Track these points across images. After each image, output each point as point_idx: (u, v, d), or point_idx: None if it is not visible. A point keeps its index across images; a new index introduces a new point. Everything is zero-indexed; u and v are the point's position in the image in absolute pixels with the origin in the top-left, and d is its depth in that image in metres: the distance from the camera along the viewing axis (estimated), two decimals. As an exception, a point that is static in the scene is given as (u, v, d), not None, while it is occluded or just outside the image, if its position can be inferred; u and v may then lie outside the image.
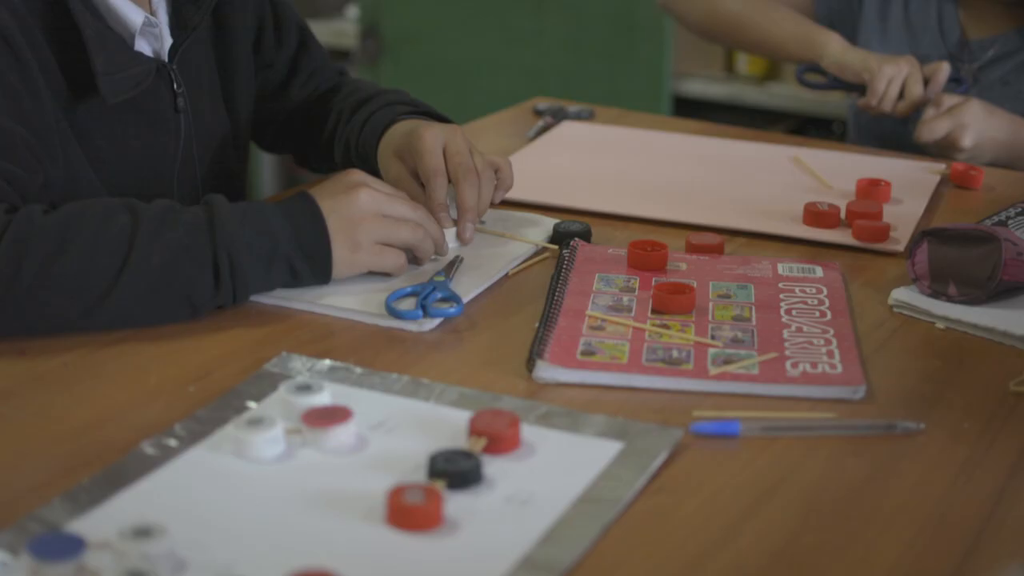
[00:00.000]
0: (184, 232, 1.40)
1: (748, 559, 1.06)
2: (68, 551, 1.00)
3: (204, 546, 1.05)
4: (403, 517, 1.08)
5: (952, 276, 1.53)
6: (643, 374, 1.34)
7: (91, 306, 1.37)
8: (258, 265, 1.43)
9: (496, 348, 1.41)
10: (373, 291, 1.50)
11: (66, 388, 1.31)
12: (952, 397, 1.34)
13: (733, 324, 1.46)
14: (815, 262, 1.65)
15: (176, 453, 1.18)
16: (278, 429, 1.18)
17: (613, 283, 1.56)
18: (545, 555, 1.05)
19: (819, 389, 1.33)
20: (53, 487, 1.12)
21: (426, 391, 1.30)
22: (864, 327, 1.48)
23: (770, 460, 1.21)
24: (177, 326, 1.42)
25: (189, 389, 1.31)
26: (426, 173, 1.63)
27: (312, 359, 1.35)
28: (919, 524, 1.12)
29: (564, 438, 1.22)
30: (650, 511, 1.12)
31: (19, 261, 1.35)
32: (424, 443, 1.20)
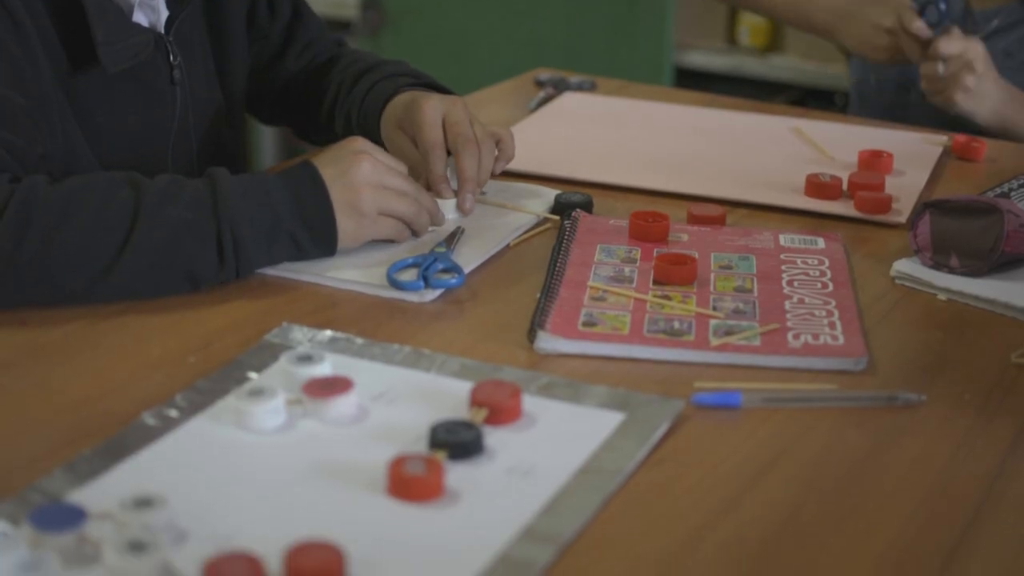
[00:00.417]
0: (186, 207, 1.39)
1: (749, 530, 1.06)
2: (69, 521, 1.00)
3: (205, 516, 1.05)
4: (404, 488, 1.07)
5: (954, 248, 1.52)
6: (644, 345, 1.34)
7: (93, 280, 1.37)
8: (261, 240, 1.42)
9: (497, 319, 1.41)
10: (374, 262, 1.50)
11: (67, 359, 1.31)
12: (953, 369, 1.34)
13: (735, 295, 1.46)
14: (817, 233, 1.65)
15: (177, 424, 1.18)
16: (279, 400, 1.18)
17: (614, 254, 1.56)
18: (546, 526, 1.05)
19: (821, 360, 1.32)
20: (54, 458, 1.12)
21: (427, 362, 1.30)
22: (866, 299, 1.48)
23: (771, 431, 1.21)
24: (178, 297, 1.41)
25: (190, 360, 1.30)
26: (425, 146, 1.63)
27: (313, 330, 1.35)
28: (920, 496, 1.12)
29: (565, 409, 1.22)
30: (651, 482, 1.12)
31: (22, 233, 1.34)
32: (425, 414, 1.20)
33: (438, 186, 1.63)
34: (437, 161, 1.63)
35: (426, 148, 1.64)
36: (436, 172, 1.63)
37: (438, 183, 1.63)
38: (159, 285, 1.41)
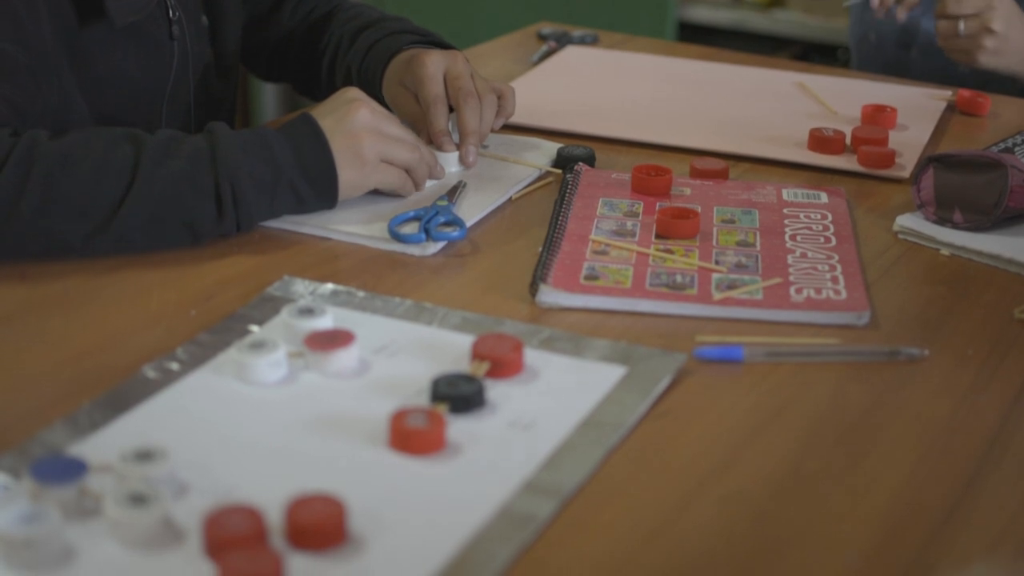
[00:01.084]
0: (186, 161, 1.39)
1: (751, 484, 1.06)
2: (70, 474, 0.99)
3: (206, 469, 1.05)
4: (405, 441, 1.07)
5: (958, 202, 1.52)
6: (647, 299, 1.33)
7: (93, 232, 1.37)
8: (261, 194, 1.42)
9: (499, 272, 1.41)
10: (376, 215, 1.50)
11: (67, 312, 1.31)
12: (956, 324, 1.34)
13: (737, 249, 1.45)
14: (820, 188, 1.64)
15: (178, 377, 1.18)
16: (280, 353, 1.18)
17: (617, 208, 1.55)
18: (548, 479, 1.04)
19: (823, 315, 1.32)
20: (54, 411, 1.12)
21: (429, 315, 1.29)
22: (868, 253, 1.48)
23: (773, 385, 1.21)
24: (179, 250, 1.41)
25: (191, 313, 1.30)
26: (427, 100, 1.63)
27: (315, 283, 1.35)
28: (922, 451, 1.12)
29: (567, 363, 1.22)
30: (653, 436, 1.12)
31: (23, 185, 1.34)
32: (426, 367, 1.19)
33: (440, 140, 1.62)
34: (439, 115, 1.63)
35: (428, 102, 1.63)
36: (438, 126, 1.63)
37: (440, 137, 1.62)
38: (159, 238, 1.40)
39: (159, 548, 0.96)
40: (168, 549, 0.96)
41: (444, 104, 1.63)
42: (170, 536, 0.97)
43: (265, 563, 0.90)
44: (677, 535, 1.00)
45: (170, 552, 0.95)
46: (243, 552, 0.91)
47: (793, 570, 0.96)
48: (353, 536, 0.97)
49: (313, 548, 0.95)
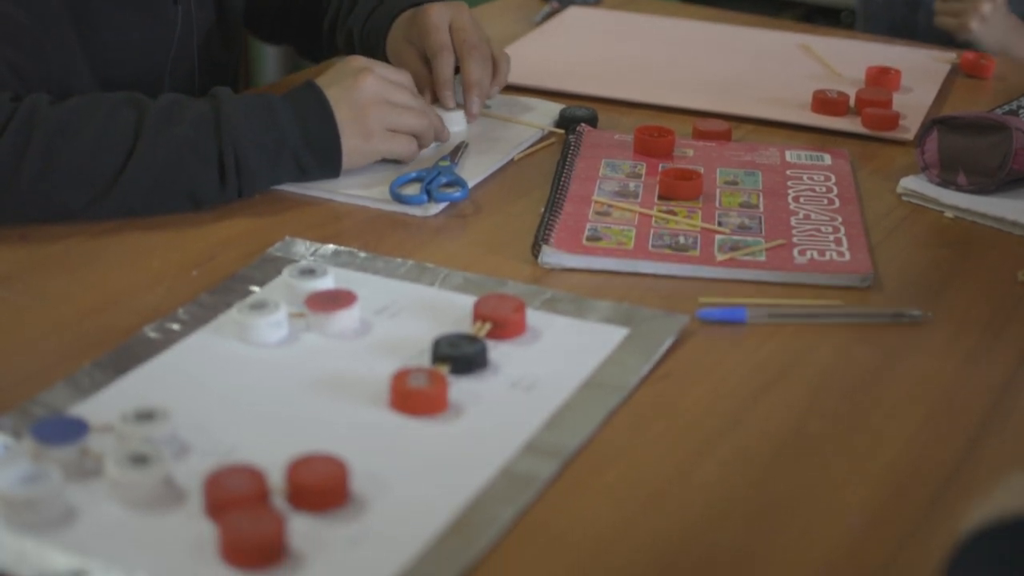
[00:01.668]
0: (189, 127, 1.38)
1: (753, 446, 1.06)
2: (71, 434, 0.99)
3: (207, 430, 1.04)
4: (407, 401, 1.07)
5: (962, 165, 1.51)
6: (649, 260, 1.33)
7: (94, 198, 1.36)
8: (264, 161, 1.42)
9: (501, 233, 1.40)
10: (378, 176, 1.49)
11: (68, 273, 1.31)
12: (960, 286, 1.33)
13: (740, 211, 1.45)
14: (823, 149, 1.64)
15: (179, 337, 1.18)
16: (281, 313, 1.18)
17: (619, 169, 1.55)
18: (549, 440, 1.04)
19: (826, 276, 1.32)
20: (55, 371, 1.12)
21: (430, 276, 1.29)
22: (872, 215, 1.47)
23: (776, 347, 1.20)
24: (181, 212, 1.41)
25: (192, 273, 1.30)
26: (432, 49, 1.62)
27: (316, 243, 1.34)
28: (925, 412, 1.11)
29: (569, 323, 1.21)
30: (655, 397, 1.12)
31: (23, 150, 1.33)
32: (428, 328, 1.19)
33: (444, 91, 1.62)
34: (445, 65, 1.62)
35: (434, 51, 1.62)
36: (443, 75, 1.62)
37: (444, 87, 1.62)
38: (160, 204, 1.40)
39: (160, 508, 0.95)
40: (169, 509, 0.95)
41: (450, 53, 1.63)
42: (171, 496, 0.97)
43: (266, 523, 0.90)
44: (679, 496, 1.00)
45: (171, 512, 0.95)
46: (244, 512, 0.91)
47: (796, 531, 0.96)
48: (354, 497, 0.97)
49: (314, 509, 0.95)
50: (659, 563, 0.92)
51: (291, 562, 0.90)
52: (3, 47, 1.43)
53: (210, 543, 0.91)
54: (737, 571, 0.92)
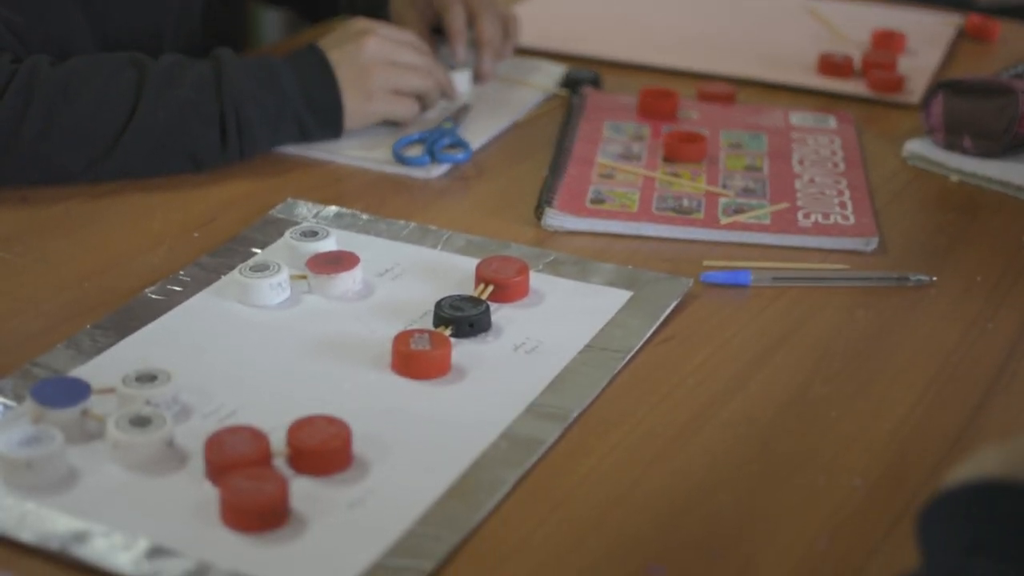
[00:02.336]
0: (190, 88, 1.38)
1: (757, 409, 1.05)
2: (72, 396, 0.99)
3: (209, 392, 1.04)
4: (409, 364, 1.07)
5: (967, 128, 1.50)
6: (653, 223, 1.32)
7: (94, 159, 1.36)
8: (265, 123, 1.41)
9: (504, 195, 1.40)
10: (380, 138, 1.49)
11: (69, 234, 1.30)
12: (965, 250, 1.33)
13: (744, 174, 1.44)
14: (828, 112, 1.63)
15: (180, 299, 1.17)
16: (283, 275, 1.17)
17: (623, 131, 1.54)
18: (552, 403, 1.04)
19: (831, 240, 1.31)
20: (56, 333, 1.12)
21: (433, 238, 1.28)
22: (877, 179, 1.47)
23: (780, 310, 1.20)
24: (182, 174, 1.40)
25: (194, 235, 1.29)
26: (443, 2, 1.61)
27: (318, 205, 1.34)
28: (930, 377, 1.11)
29: (573, 286, 1.21)
30: (659, 360, 1.12)
31: (23, 111, 1.33)
32: (431, 290, 1.18)
33: (456, 42, 1.61)
34: (456, 16, 1.62)
35: (445, 5, 1.62)
36: (455, 26, 1.61)
37: (456, 38, 1.61)
38: (161, 165, 1.39)
39: (161, 471, 0.95)
40: (170, 472, 0.95)
41: (461, 6, 1.62)
42: (173, 459, 0.96)
43: (268, 486, 0.90)
44: (682, 459, 0.99)
45: (172, 475, 0.95)
46: (246, 475, 0.90)
47: (799, 495, 0.95)
48: (356, 459, 0.96)
49: (316, 471, 0.94)
50: (662, 525, 0.92)
51: (292, 525, 0.90)
52: (2, 8, 1.42)
53: (212, 506, 0.91)
54: (740, 533, 0.92)
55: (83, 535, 0.88)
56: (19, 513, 0.90)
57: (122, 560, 0.86)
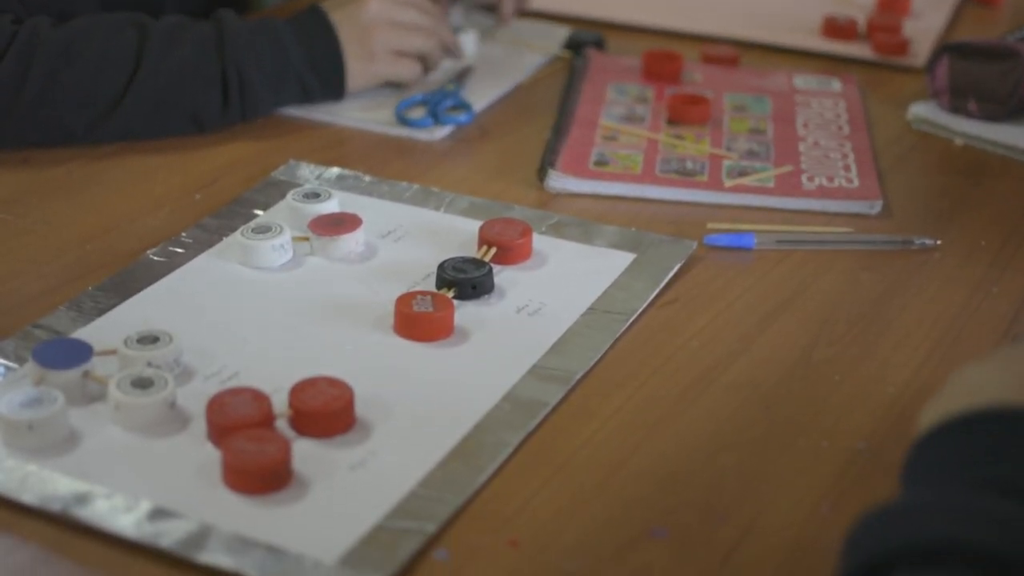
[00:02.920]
0: (192, 49, 1.37)
1: (760, 372, 1.05)
2: (74, 358, 0.98)
3: (211, 354, 1.04)
4: (411, 326, 1.06)
5: (972, 92, 1.50)
6: (657, 185, 1.32)
7: (96, 120, 1.36)
8: (267, 84, 1.41)
9: (507, 157, 1.39)
10: (383, 99, 1.48)
11: (70, 196, 1.30)
12: (969, 214, 1.32)
13: (748, 136, 1.43)
14: (833, 75, 1.62)
15: (182, 261, 1.17)
16: (285, 236, 1.17)
17: (627, 93, 1.53)
18: (555, 365, 1.04)
19: (835, 203, 1.31)
20: (57, 295, 1.12)
21: (436, 200, 1.28)
22: (881, 142, 1.46)
23: (784, 273, 1.19)
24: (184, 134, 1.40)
25: (195, 197, 1.29)
26: None
27: (320, 167, 1.33)
28: (934, 340, 1.10)
29: (576, 248, 1.21)
30: (662, 323, 1.11)
31: (24, 72, 1.32)
32: (433, 252, 1.18)
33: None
34: None
35: None
36: None
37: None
38: (163, 126, 1.39)
39: (163, 433, 0.95)
40: (172, 433, 0.95)
41: None
42: (175, 420, 0.96)
43: (270, 447, 0.90)
44: (685, 422, 0.99)
45: (174, 436, 0.95)
46: (248, 436, 0.90)
47: (802, 459, 0.95)
48: (359, 421, 0.96)
49: (318, 433, 0.94)
50: (665, 488, 0.92)
51: (294, 487, 0.90)
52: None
53: (214, 467, 0.91)
54: (743, 496, 0.91)
55: (85, 497, 0.88)
56: (21, 475, 0.90)
57: (124, 522, 0.86)
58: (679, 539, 0.87)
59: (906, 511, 0.69)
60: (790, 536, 0.88)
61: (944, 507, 0.68)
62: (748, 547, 0.87)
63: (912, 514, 0.69)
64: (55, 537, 0.86)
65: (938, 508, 0.68)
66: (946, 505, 0.68)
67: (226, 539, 0.85)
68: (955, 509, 0.68)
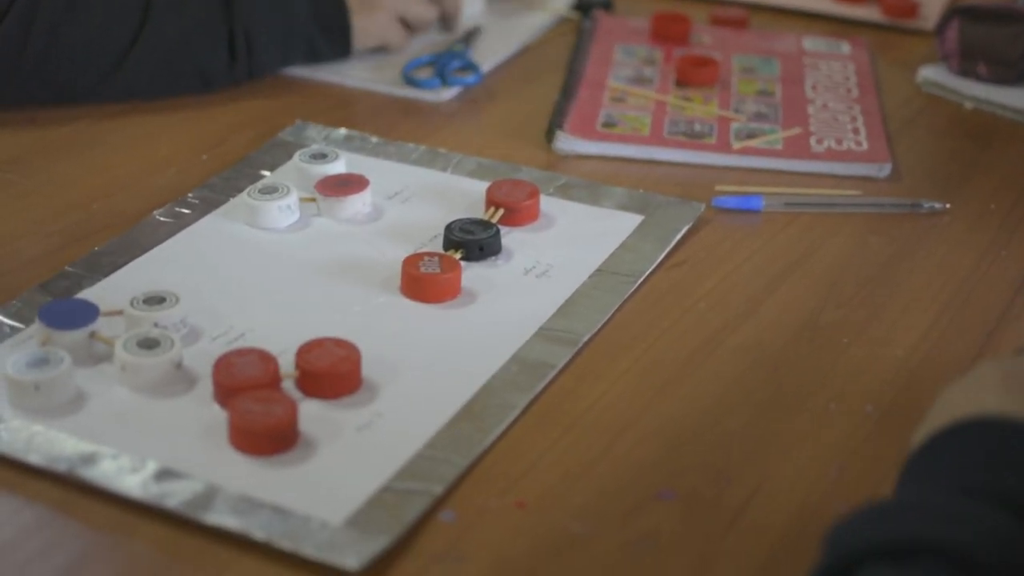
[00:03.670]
0: (199, 6, 1.36)
1: (767, 335, 1.05)
2: (80, 318, 0.98)
3: (217, 314, 1.04)
4: (418, 287, 1.06)
5: (982, 55, 1.49)
6: (665, 147, 1.31)
7: (101, 77, 1.35)
8: (274, 42, 1.40)
9: (515, 119, 1.39)
10: (390, 60, 1.48)
11: (75, 156, 1.30)
12: (979, 178, 1.32)
13: (757, 98, 1.43)
14: (842, 38, 1.61)
15: (189, 221, 1.17)
16: (292, 197, 1.16)
17: (635, 55, 1.53)
18: (562, 327, 1.03)
19: (844, 166, 1.30)
20: (63, 255, 1.11)
21: (443, 161, 1.27)
22: (891, 105, 1.45)
23: (792, 236, 1.19)
24: (190, 94, 1.39)
25: (202, 158, 1.29)
26: None
27: (327, 128, 1.33)
28: (942, 304, 1.10)
29: (583, 210, 1.20)
30: (669, 285, 1.11)
31: (28, 28, 1.31)
32: (440, 213, 1.18)
33: None
34: None
35: None
36: None
37: None
38: (169, 84, 1.38)
39: (170, 393, 0.95)
40: (179, 394, 0.95)
41: None
42: (181, 381, 0.96)
43: (277, 408, 0.89)
44: (693, 384, 0.99)
45: (181, 397, 0.95)
46: (255, 397, 0.90)
47: (810, 421, 0.95)
48: (365, 382, 0.96)
49: (326, 394, 0.94)
50: (672, 451, 0.92)
51: (301, 448, 0.90)
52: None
53: (220, 428, 0.91)
54: (750, 458, 0.91)
55: (91, 457, 0.88)
56: (27, 435, 0.90)
57: (130, 482, 0.86)
58: (686, 501, 0.87)
59: (880, 511, 0.70)
60: (797, 499, 0.88)
61: (917, 507, 0.69)
62: (755, 510, 0.87)
63: (885, 513, 0.69)
64: (61, 497, 0.86)
65: (911, 508, 0.69)
66: (919, 505, 0.69)
67: (232, 500, 0.85)
68: (927, 508, 0.68)
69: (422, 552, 0.83)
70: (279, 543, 0.81)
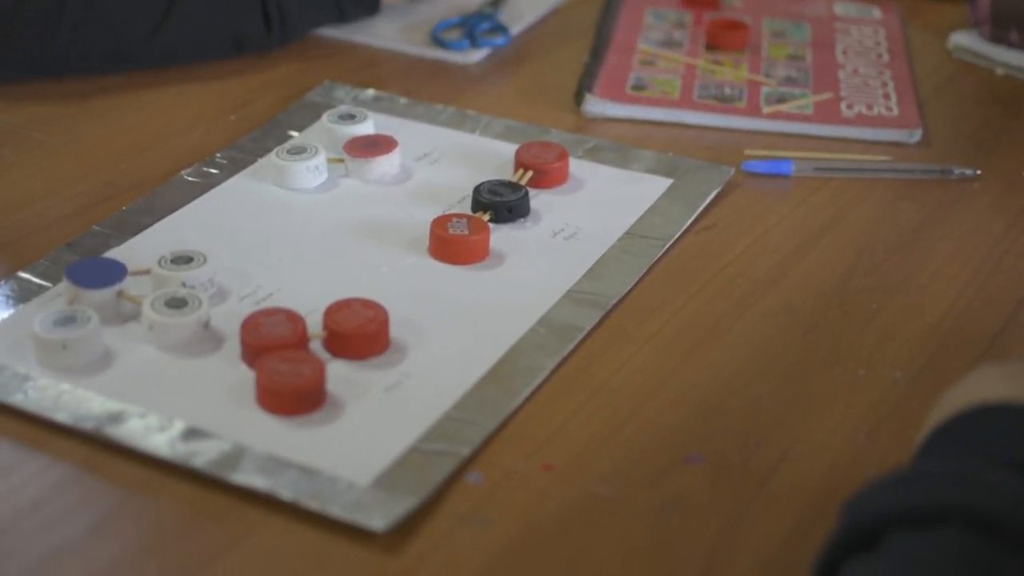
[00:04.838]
0: None
1: (797, 299, 1.04)
2: (108, 277, 0.98)
3: (245, 274, 1.04)
4: (447, 248, 1.06)
5: (1014, 21, 1.47)
6: (694, 111, 1.31)
7: (137, 44, 1.34)
8: (306, 7, 1.39)
9: (544, 81, 1.38)
10: (419, 21, 1.47)
11: (104, 116, 1.29)
12: (1009, 144, 1.31)
13: (787, 63, 1.42)
14: (873, 3, 1.60)
15: (217, 181, 1.16)
16: (320, 158, 1.16)
17: (665, 18, 1.52)
18: (591, 290, 1.03)
19: (874, 131, 1.29)
20: (91, 215, 1.12)
21: (472, 123, 1.27)
22: (921, 71, 1.44)
23: (822, 201, 1.18)
24: (218, 55, 1.40)
25: (230, 118, 1.28)
26: None
27: (356, 89, 1.32)
28: (972, 270, 1.10)
29: (612, 173, 1.20)
30: (698, 249, 1.10)
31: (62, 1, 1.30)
32: (469, 175, 1.17)
33: None
34: None
35: None
36: None
37: None
38: (204, 51, 1.38)
39: (197, 352, 0.95)
40: (206, 353, 0.95)
41: None
42: (208, 341, 0.96)
43: (305, 368, 0.89)
44: (721, 348, 0.99)
45: (208, 356, 0.95)
46: (282, 357, 0.90)
47: (839, 387, 0.95)
48: (393, 343, 0.96)
49: (353, 355, 0.94)
50: (700, 415, 0.92)
51: (328, 408, 0.90)
52: None
53: (247, 388, 0.91)
54: (778, 423, 0.91)
55: (118, 416, 0.88)
56: (54, 394, 0.90)
57: (157, 441, 0.86)
58: (714, 465, 0.87)
59: (903, 478, 0.69)
60: (825, 464, 0.88)
61: (940, 474, 0.68)
62: (783, 474, 0.87)
63: (908, 480, 0.69)
64: (88, 456, 0.87)
65: (933, 475, 0.69)
66: (942, 472, 0.69)
67: (260, 460, 0.85)
68: (949, 475, 0.68)
69: (449, 514, 0.83)
70: (306, 503, 0.82)
